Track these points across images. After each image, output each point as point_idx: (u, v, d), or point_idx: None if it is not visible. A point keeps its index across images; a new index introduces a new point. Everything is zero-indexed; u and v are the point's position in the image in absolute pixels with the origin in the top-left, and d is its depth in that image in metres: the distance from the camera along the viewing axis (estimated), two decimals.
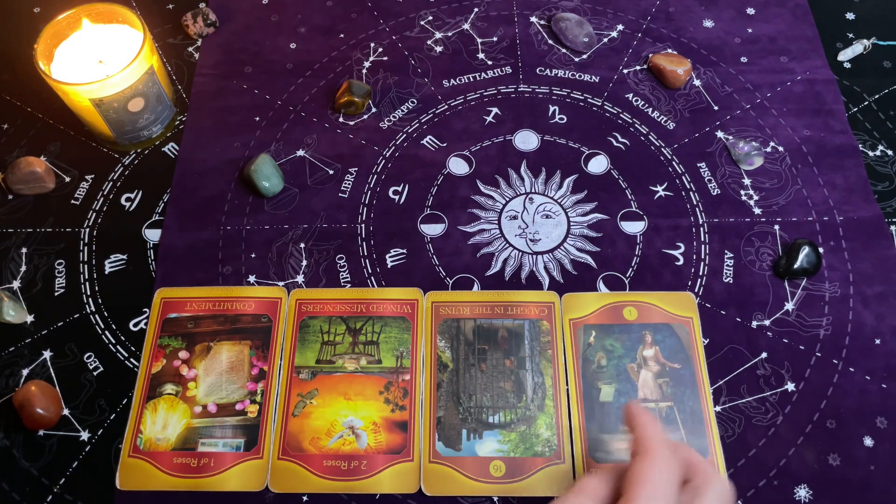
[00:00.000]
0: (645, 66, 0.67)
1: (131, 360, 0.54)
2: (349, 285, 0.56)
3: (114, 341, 0.54)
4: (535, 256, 0.57)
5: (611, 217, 0.59)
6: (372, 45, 0.69)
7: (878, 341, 0.54)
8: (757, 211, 0.59)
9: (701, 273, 0.57)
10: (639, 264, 0.57)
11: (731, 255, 0.57)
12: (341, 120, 0.65)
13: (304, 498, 0.49)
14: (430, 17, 0.71)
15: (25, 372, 0.53)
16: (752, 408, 0.52)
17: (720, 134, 0.63)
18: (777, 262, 0.57)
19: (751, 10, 0.71)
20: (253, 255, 0.58)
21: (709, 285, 0.56)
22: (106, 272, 0.57)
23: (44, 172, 0.60)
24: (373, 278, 0.57)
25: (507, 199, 0.60)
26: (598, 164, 0.62)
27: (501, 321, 0.54)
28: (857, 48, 0.68)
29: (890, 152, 0.62)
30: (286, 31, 0.70)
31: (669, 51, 0.68)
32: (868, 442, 0.50)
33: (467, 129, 0.64)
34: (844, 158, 0.62)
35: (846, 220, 0.59)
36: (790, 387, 0.52)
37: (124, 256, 0.58)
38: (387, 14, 0.71)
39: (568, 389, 0.52)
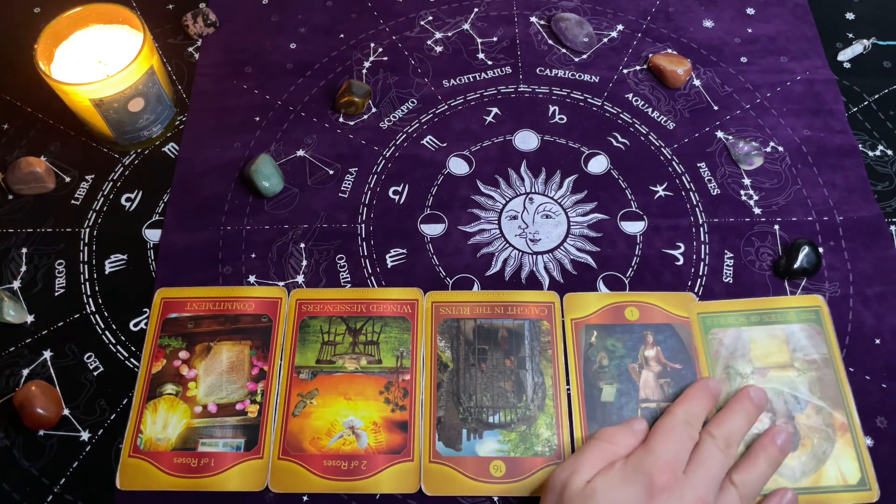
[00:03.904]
0: (645, 66, 0.67)
1: (131, 360, 0.54)
2: (349, 285, 0.56)
3: (114, 341, 0.54)
4: (535, 256, 0.57)
5: (611, 217, 0.59)
6: (372, 45, 0.69)
7: (878, 341, 0.54)
8: (757, 211, 0.59)
9: (701, 273, 0.57)
10: (639, 264, 0.57)
11: (731, 255, 0.57)
12: (341, 120, 0.65)
13: (304, 498, 0.49)
14: (430, 17, 0.71)
15: (25, 372, 0.53)
16: None
17: (720, 134, 0.63)
18: (777, 262, 0.57)
19: (751, 10, 0.71)
20: (253, 255, 0.58)
21: (709, 285, 0.56)
22: (106, 272, 0.57)
23: (44, 172, 0.60)
24: (373, 278, 0.57)
25: (507, 199, 0.60)
26: (598, 164, 0.62)
27: (501, 321, 0.54)
28: (857, 48, 0.68)
29: (890, 152, 0.62)
30: (286, 31, 0.70)
31: (669, 51, 0.68)
32: (868, 442, 0.50)
33: (467, 129, 0.64)
34: (844, 158, 0.62)
35: (846, 220, 0.59)
36: None
37: (124, 256, 0.58)
38: (387, 14, 0.71)
39: (568, 389, 0.52)
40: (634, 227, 0.59)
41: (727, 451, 0.46)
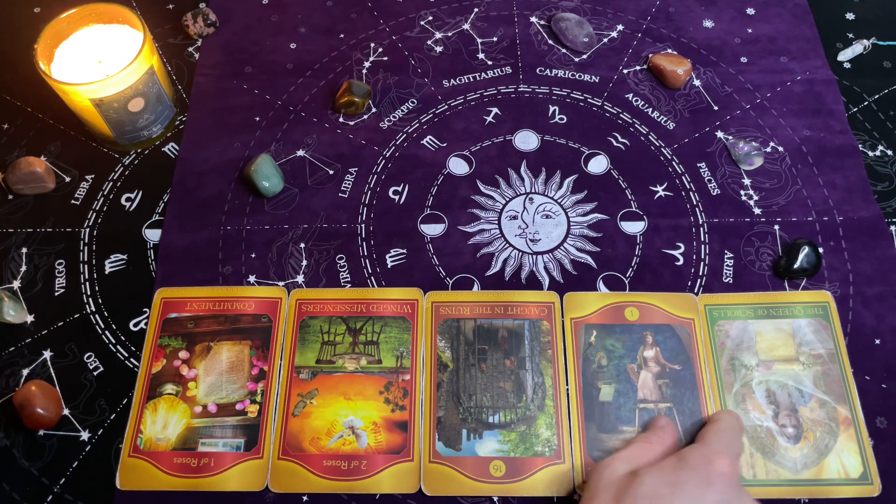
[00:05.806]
0: (645, 66, 0.67)
1: (131, 360, 0.54)
2: (349, 285, 0.56)
3: (114, 341, 0.54)
4: (535, 256, 0.57)
5: (611, 217, 0.59)
6: (372, 45, 0.69)
7: (878, 341, 0.54)
8: (757, 211, 0.59)
9: (701, 273, 0.57)
10: (639, 264, 0.57)
11: (731, 255, 0.57)
12: (341, 120, 0.65)
13: (304, 498, 0.49)
14: (430, 17, 0.71)
15: (25, 372, 0.53)
16: None
17: (720, 134, 0.63)
18: (777, 262, 0.57)
19: (751, 11, 0.71)
20: (253, 255, 0.58)
21: (709, 285, 0.56)
22: (106, 272, 0.57)
23: (44, 172, 0.60)
24: (373, 278, 0.57)
25: (507, 199, 0.60)
26: (598, 164, 0.62)
27: (501, 321, 0.54)
28: (857, 48, 0.68)
29: (890, 152, 0.62)
30: (286, 31, 0.70)
31: (669, 51, 0.68)
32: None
33: (467, 129, 0.64)
34: (844, 158, 0.62)
35: (846, 220, 0.59)
36: None
37: (124, 256, 0.58)
38: (387, 14, 0.71)
39: (568, 389, 0.52)
40: (634, 227, 0.59)
41: None
